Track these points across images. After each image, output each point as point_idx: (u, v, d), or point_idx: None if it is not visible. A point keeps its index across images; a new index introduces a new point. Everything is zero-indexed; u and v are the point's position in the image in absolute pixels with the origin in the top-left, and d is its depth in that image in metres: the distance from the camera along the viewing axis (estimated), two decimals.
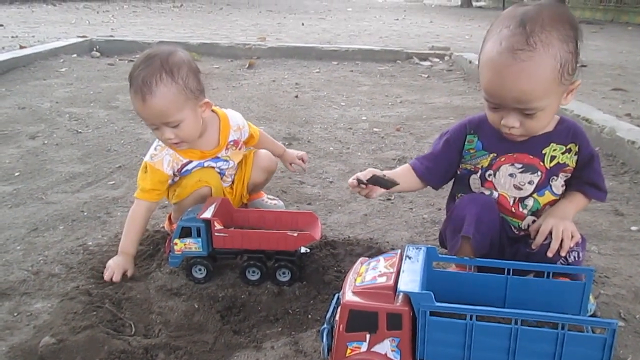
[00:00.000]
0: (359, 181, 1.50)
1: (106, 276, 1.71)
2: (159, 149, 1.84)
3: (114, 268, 1.72)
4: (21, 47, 5.75)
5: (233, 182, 2.04)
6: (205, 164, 1.90)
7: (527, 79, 1.30)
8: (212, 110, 1.91)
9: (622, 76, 5.23)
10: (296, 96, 4.36)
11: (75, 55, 5.79)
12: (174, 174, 1.87)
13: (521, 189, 1.52)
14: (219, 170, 1.94)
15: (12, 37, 6.90)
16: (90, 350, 1.38)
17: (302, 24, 9.70)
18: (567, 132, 1.52)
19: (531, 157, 1.50)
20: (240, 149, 2.01)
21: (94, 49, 6.11)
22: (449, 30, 9.27)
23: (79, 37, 6.47)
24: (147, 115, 1.72)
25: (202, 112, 1.81)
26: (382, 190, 1.54)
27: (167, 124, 1.73)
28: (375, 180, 1.51)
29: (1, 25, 8.07)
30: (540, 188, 1.52)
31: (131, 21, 9.54)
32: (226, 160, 1.95)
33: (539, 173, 1.50)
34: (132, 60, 5.56)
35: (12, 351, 1.41)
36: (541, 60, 1.29)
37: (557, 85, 1.34)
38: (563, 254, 1.42)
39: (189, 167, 1.87)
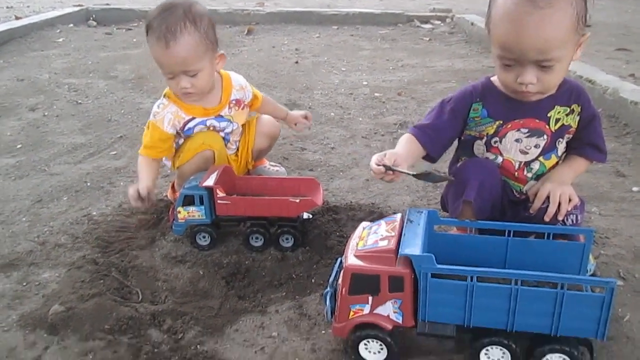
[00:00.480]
0: (386, 167, 1.39)
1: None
2: (161, 107, 1.85)
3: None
4: (17, 18, 5.66)
5: (237, 149, 2.04)
6: (208, 122, 1.89)
7: (547, 26, 1.28)
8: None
9: (626, 36, 5.13)
10: (296, 62, 4.32)
11: (71, 25, 5.71)
12: (178, 133, 1.88)
13: (527, 153, 1.51)
14: (223, 135, 1.94)
15: (7, 7, 6.80)
16: (99, 317, 1.41)
17: None
18: (570, 93, 1.51)
19: (537, 121, 1.49)
20: (243, 109, 2.00)
21: (90, 17, 6.01)
22: None
23: (74, 6, 6.36)
24: (169, 62, 1.73)
25: (217, 65, 1.84)
26: (405, 173, 1.40)
27: (186, 72, 1.74)
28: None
29: None
30: (546, 151, 1.51)
31: None
32: (229, 121, 1.95)
33: (545, 136, 1.50)
34: (130, 29, 5.50)
35: (23, 319, 1.44)
36: (560, 6, 1.28)
37: (574, 33, 1.33)
38: (560, 218, 1.42)
39: (191, 124, 1.87)
